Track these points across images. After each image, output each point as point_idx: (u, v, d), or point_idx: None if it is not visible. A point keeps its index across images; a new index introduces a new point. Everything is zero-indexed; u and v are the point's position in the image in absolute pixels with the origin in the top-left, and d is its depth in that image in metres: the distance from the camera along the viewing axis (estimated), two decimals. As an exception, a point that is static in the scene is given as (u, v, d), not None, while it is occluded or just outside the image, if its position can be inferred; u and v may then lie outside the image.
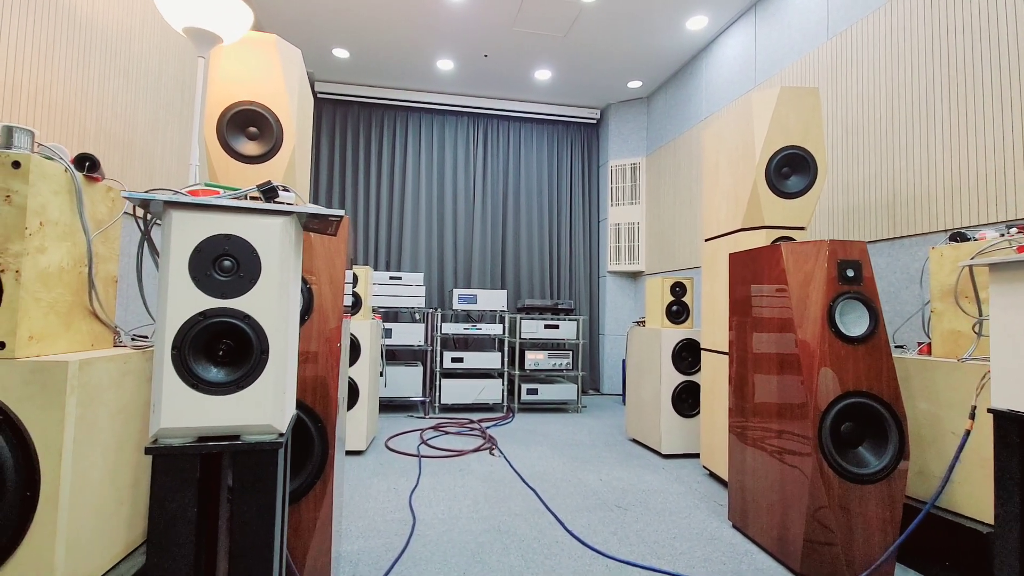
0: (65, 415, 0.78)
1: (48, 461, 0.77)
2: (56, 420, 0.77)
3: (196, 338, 0.80)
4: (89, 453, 0.84)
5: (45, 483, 0.77)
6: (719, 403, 2.10)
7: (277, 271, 0.85)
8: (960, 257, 1.47)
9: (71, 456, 0.79)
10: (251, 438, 0.83)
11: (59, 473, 0.77)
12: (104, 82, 1.75)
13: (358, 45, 3.46)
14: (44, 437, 0.77)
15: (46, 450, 0.77)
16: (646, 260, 4.13)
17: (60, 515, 0.77)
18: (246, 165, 1.38)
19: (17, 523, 0.75)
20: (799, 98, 1.90)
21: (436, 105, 4.19)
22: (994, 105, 1.72)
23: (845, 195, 2.31)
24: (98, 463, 0.86)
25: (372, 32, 3.30)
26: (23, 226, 0.80)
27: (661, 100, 4.02)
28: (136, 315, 2.03)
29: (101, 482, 0.87)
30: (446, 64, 3.72)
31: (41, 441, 0.77)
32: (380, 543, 1.49)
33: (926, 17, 1.97)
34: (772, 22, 2.84)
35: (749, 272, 1.64)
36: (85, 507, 0.83)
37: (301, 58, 1.51)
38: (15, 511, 0.75)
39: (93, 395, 0.84)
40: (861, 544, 1.30)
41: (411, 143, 4.20)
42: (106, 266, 1.02)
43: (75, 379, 0.79)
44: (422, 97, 4.15)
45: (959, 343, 1.47)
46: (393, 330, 3.35)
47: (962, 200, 1.81)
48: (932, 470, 1.46)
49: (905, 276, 2.01)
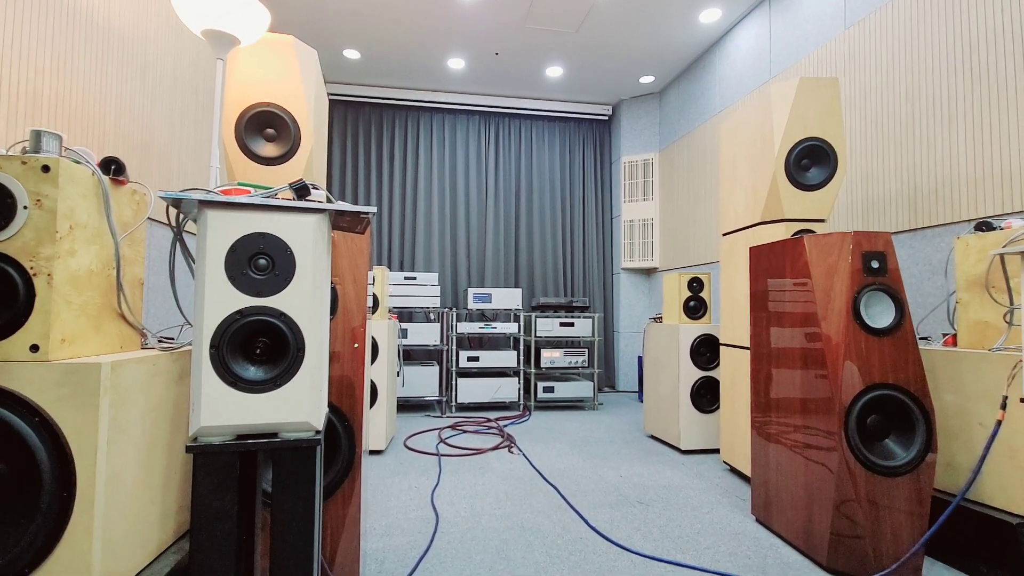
0: (99, 416, 0.78)
1: (83, 462, 0.77)
2: (91, 421, 0.77)
3: (234, 337, 0.81)
4: (122, 454, 0.84)
5: (81, 484, 0.77)
6: (739, 398, 2.09)
7: (311, 269, 0.85)
8: (986, 247, 1.45)
9: (105, 457, 0.79)
10: (289, 435, 0.84)
11: (94, 473, 0.77)
12: (122, 85, 1.78)
13: (369, 46, 3.50)
14: (79, 438, 0.77)
15: (81, 451, 0.77)
16: (660, 256, 4.11)
17: (96, 515, 0.77)
18: (264, 167, 1.39)
19: (55, 524, 0.76)
20: (818, 89, 1.88)
21: (447, 104, 4.21)
22: (1018, 94, 1.69)
23: (865, 187, 2.27)
24: (130, 464, 0.87)
25: (382, 32, 3.34)
26: (54, 230, 0.80)
27: (674, 95, 4.00)
28: (157, 317, 2.08)
29: (134, 482, 0.88)
30: (457, 63, 3.74)
31: (76, 442, 0.77)
32: (404, 541, 1.51)
33: (947, 3, 1.93)
34: (787, 13, 2.80)
35: (771, 265, 1.63)
36: (119, 507, 0.84)
37: (317, 59, 1.54)
38: (53, 511, 0.75)
39: (125, 396, 0.85)
40: (889, 537, 1.29)
41: (423, 143, 4.24)
42: (132, 268, 1.03)
43: (108, 380, 0.80)
44: (433, 97, 4.18)
45: (986, 334, 1.44)
46: (409, 330, 3.38)
47: (986, 190, 1.78)
48: (960, 462, 1.44)
49: (928, 267, 1.98)
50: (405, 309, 3.50)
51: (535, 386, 3.54)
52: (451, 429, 2.96)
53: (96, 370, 0.79)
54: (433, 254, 4.16)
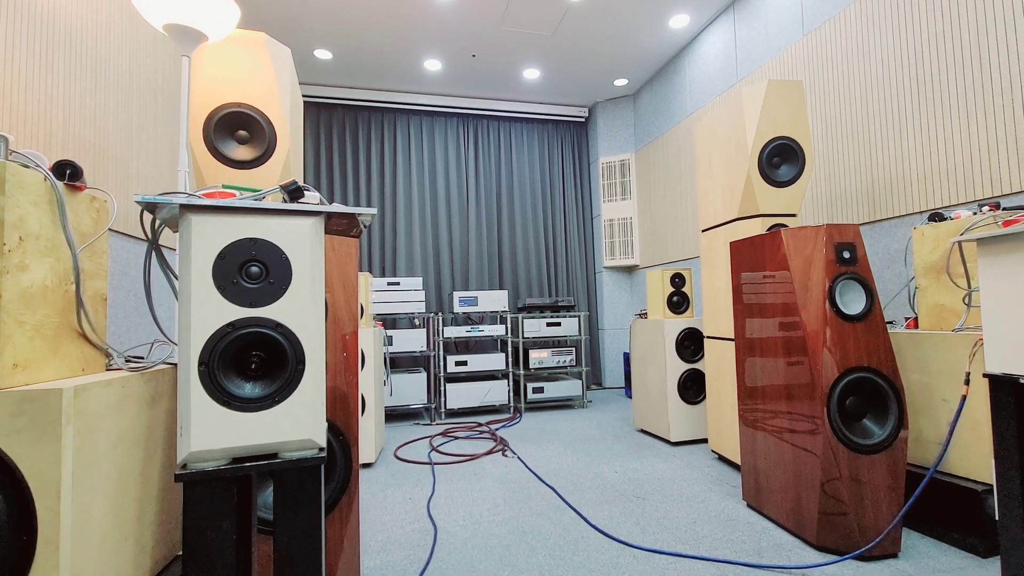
0: (62, 448, 0.70)
1: (45, 500, 0.69)
2: (52, 454, 0.70)
3: (225, 352, 0.75)
4: (90, 488, 0.76)
5: (43, 524, 0.69)
6: (724, 388, 2.17)
7: (309, 276, 0.82)
8: (940, 236, 1.57)
9: (70, 493, 0.71)
10: (291, 455, 0.80)
11: (58, 513, 0.70)
12: (71, 84, 1.64)
13: (341, 46, 3.44)
14: (39, 473, 0.70)
15: (42, 488, 0.69)
16: (640, 254, 4.21)
17: (62, 559, 0.70)
18: (237, 171, 1.32)
19: (13, 572, 0.67)
20: (785, 91, 1.98)
21: (425, 106, 4.19)
22: (959, 96, 1.83)
23: (828, 183, 2.41)
24: (100, 498, 0.79)
25: (356, 32, 3.29)
26: (1, 242, 0.72)
27: (647, 97, 4.11)
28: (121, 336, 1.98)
29: (104, 518, 0.80)
30: (433, 64, 3.72)
31: (35, 478, 0.69)
32: (403, 555, 1.46)
33: (894, 11, 2.08)
34: (750, 20, 2.94)
35: (751, 259, 1.71)
36: (88, 548, 0.76)
37: (291, 57, 1.47)
38: (10, 561, 0.67)
39: (91, 424, 0.77)
40: (871, 511, 1.37)
41: (400, 146, 4.19)
42: (94, 283, 0.94)
43: (71, 407, 0.72)
44: (410, 98, 4.15)
45: (943, 316, 1.56)
46: (394, 337, 3.34)
47: (936, 184, 1.92)
48: (927, 436, 1.55)
49: (887, 256, 2.12)
50: (390, 316, 3.45)
51: (525, 387, 3.56)
52: (442, 436, 2.93)
53: (56, 396, 0.71)
54: (416, 259, 4.12)
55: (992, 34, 1.74)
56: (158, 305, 2.20)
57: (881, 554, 1.37)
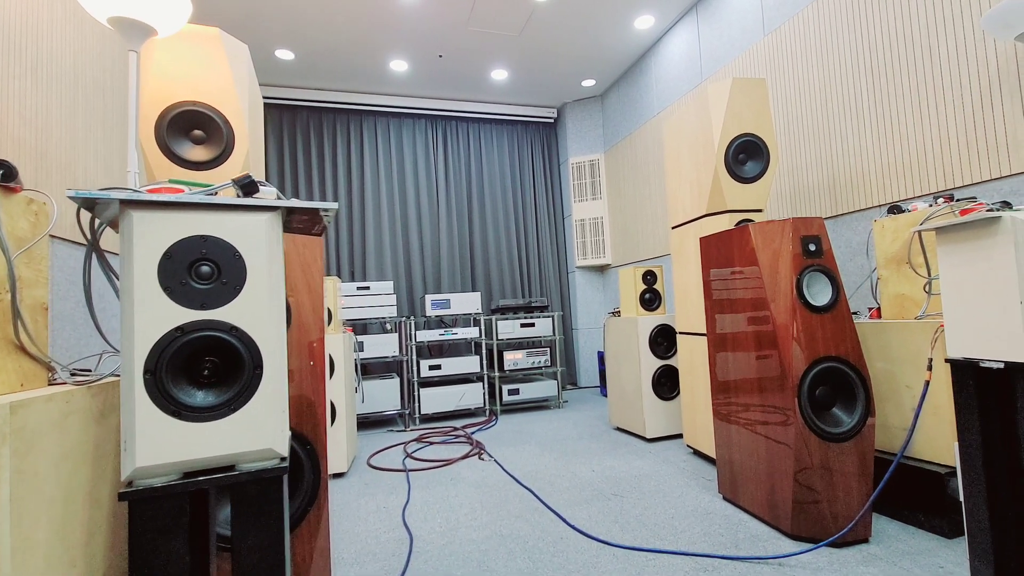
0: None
1: None
2: None
3: (174, 358, 0.71)
4: (31, 511, 0.72)
5: None
6: (698, 383, 2.19)
7: (265, 275, 0.77)
8: (900, 227, 1.62)
9: (8, 518, 0.68)
10: (249, 466, 0.75)
11: None
12: (8, 83, 1.54)
13: (303, 46, 3.31)
14: None
15: None
16: (612, 253, 4.24)
17: None
18: (193, 172, 1.26)
19: None
20: (749, 88, 2.02)
21: (392, 108, 4.08)
22: (911, 94, 1.92)
23: (791, 178, 2.48)
24: (43, 522, 0.74)
25: (319, 32, 3.17)
26: None
27: (615, 97, 4.15)
28: (66, 349, 1.81)
29: (49, 543, 0.75)
30: (400, 65, 3.63)
31: None
32: (378, 567, 1.41)
33: (850, 12, 2.16)
34: (712, 21, 3.01)
35: (720, 254, 1.72)
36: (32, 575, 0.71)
37: (248, 54, 1.41)
38: None
39: (31, 443, 0.72)
40: (842, 499, 1.39)
41: (367, 148, 4.07)
42: (33, 292, 0.88)
43: (7, 425, 0.68)
44: (376, 100, 4.03)
45: (904, 305, 1.61)
46: (365, 342, 3.21)
47: (893, 177, 2.00)
48: (892, 422, 1.59)
49: (849, 249, 2.19)
50: (360, 321, 3.32)
51: (500, 390, 3.50)
52: (417, 442, 2.84)
53: None
54: (386, 262, 3.99)
55: (943, 33, 1.82)
56: (110, 315, 2.02)
57: (853, 540, 1.39)
